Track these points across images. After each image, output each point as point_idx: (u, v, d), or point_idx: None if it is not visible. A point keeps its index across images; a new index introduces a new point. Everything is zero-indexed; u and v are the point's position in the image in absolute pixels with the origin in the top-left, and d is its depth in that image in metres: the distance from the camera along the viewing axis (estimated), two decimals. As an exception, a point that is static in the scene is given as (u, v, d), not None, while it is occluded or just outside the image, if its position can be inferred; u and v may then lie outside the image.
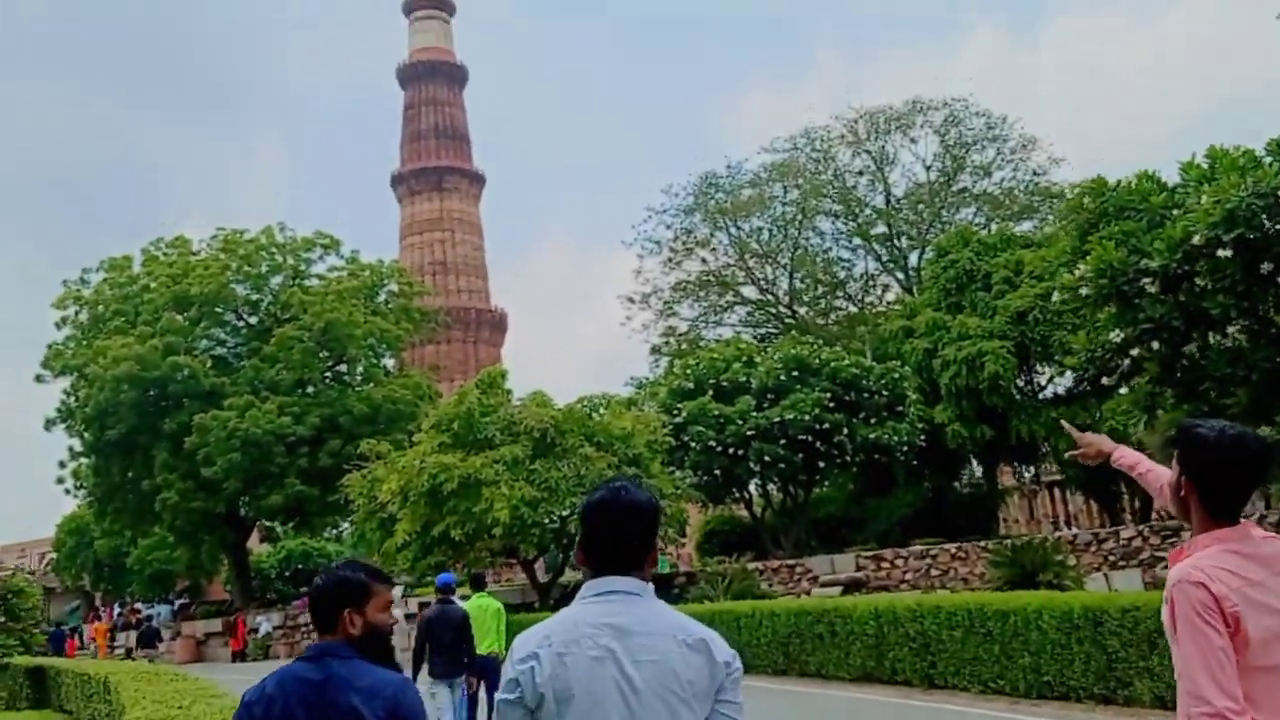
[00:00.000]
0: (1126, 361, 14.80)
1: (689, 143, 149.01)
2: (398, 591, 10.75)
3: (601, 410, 24.42)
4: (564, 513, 23.22)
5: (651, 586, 2.46)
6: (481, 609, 10.73)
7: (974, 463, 36.84)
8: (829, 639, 13.93)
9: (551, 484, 22.29)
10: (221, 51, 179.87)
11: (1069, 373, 34.42)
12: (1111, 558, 20.71)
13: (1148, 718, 9.09)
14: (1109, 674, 9.48)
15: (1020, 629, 10.37)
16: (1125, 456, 3.25)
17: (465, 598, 11.46)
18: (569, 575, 43.66)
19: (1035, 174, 43.80)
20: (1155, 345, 14.14)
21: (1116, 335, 14.43)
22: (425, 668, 9.74)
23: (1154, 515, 35.01)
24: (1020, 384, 34.62)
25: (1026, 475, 37.13)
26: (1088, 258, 14.27)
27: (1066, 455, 3.45)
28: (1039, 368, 34.30)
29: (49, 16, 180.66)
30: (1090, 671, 9.65)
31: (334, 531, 43.91)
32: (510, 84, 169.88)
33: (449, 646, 9.75)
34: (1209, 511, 2.55)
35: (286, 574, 51.09)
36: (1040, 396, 34.79)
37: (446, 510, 22.23)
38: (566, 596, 28.36)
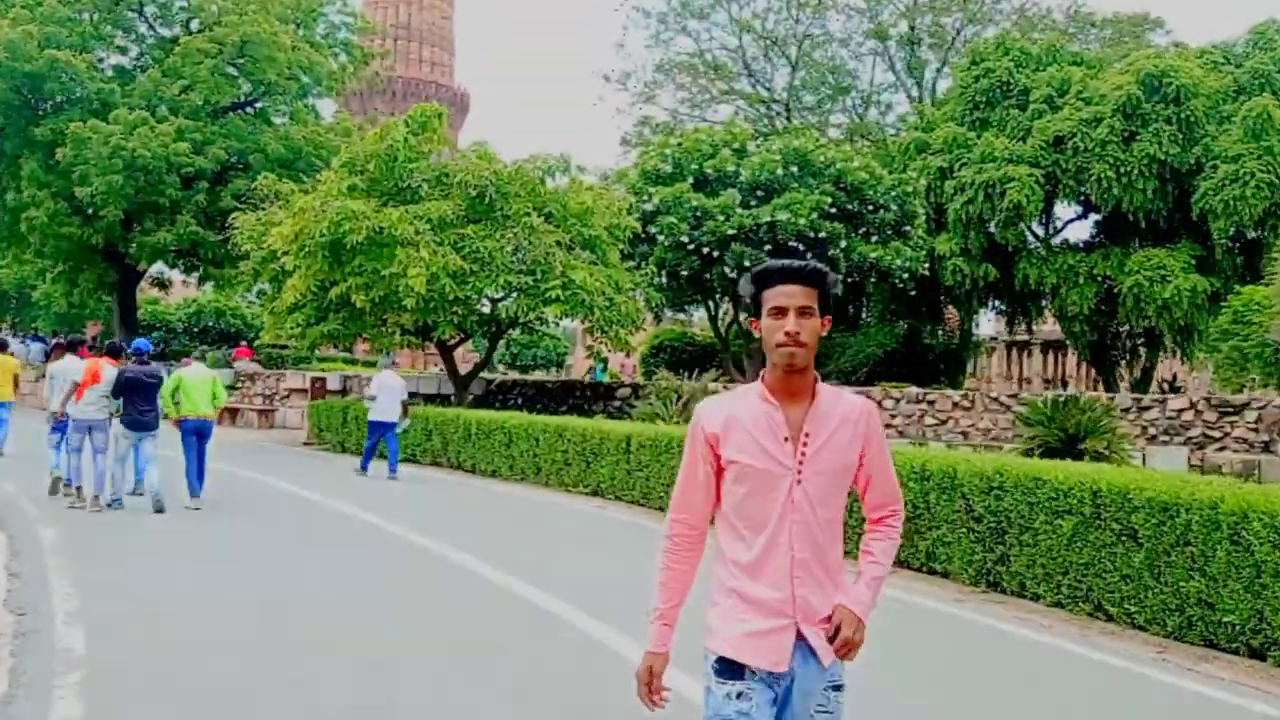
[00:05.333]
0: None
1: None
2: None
3: (558, 175, 19.72)
4: (495, 293, 18.88)
5: None
6: (201, 376, 11.97)
7: (951, 307, 32.94)
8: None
9: (484, 255, 17.83)
10: None
11: (1092, 216, 30.36)
12: (1151, 430, 17.00)
13: None
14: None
15: (1190, 535, 6.37)
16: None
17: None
18: (499, 373, 39.76)
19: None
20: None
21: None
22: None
23: (1152, 387, 31.70)
24: (1035, 225, 30.47)
25: (1020, 327, 33.34)
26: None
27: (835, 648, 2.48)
28: (1062, 206, 30.05)
29: None
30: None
31: (246, 293, 38.87)
32: None
33: (144, 404, 11.17)
34: None
35: (196, 329, 46.82)
36: (1054, 242, 30.71)
37: (349, 269, 17.77)
38: (490, 394, 24.34)
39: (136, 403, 11.01)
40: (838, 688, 2.54)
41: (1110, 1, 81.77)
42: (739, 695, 2.45)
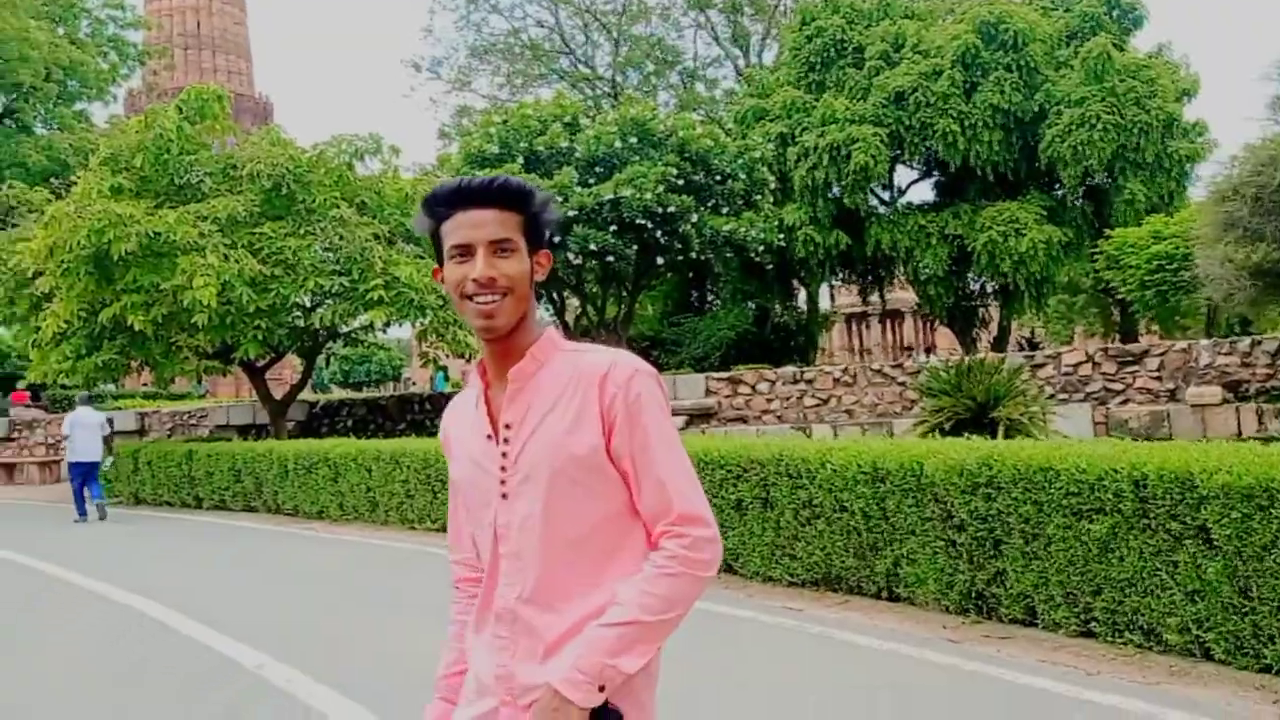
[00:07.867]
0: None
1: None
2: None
3: (369, 159, 17.09)
4: (306, 300, 16.12)
5: None
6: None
7: (798, 281, 31.62)
8: (759, 507, 7.74)
9: (287, 257, 15.09)
10: None
11: (935, 175, 29.45)
12: (1049, 389, 15.67)
13: None
14: None
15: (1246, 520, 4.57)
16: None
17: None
18: (321, 394, 36.33)
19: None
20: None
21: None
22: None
23: (1010, 346, 31.18)
24: (882, 189, 29.39)
25: (873, 296, 32.31)
26: None
27: None
28: (908, 166, 29.03)
29: None
30: None
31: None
32: None
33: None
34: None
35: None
36: (902, 204, 29.72)
37: (122, 286, 14.73)
38: (313, 419, 21.42)
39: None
40: None
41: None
42: None
